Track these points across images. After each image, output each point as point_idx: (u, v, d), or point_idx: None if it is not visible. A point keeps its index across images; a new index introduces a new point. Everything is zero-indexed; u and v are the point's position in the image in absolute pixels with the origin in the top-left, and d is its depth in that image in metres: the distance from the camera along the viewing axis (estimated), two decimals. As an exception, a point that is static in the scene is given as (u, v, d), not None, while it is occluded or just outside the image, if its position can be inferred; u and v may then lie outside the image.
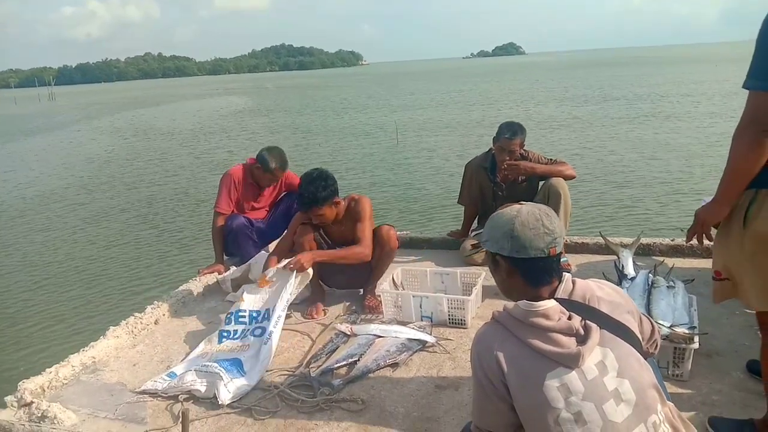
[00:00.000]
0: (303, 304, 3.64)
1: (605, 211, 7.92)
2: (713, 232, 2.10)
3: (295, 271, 3.28)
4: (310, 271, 3.39)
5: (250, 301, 3.30)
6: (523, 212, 1.56)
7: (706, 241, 2.11)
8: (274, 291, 3.29)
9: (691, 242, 2.18)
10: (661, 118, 16.89)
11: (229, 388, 2.70)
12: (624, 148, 12.51)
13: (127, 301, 5.51)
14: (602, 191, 8.95)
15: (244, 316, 3.23)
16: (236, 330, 3.18)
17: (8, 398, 2.70)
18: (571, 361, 1.39)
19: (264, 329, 3.11)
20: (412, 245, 4.71)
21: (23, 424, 2.54)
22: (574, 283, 1.56)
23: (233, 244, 4.39)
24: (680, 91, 25.58)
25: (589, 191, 8.91)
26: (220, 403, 2.63)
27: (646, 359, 1.50)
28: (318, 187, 3.36)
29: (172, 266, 6.69)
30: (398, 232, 4.73)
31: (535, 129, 15.66)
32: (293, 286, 3.27)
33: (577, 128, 15.89)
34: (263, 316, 3.22)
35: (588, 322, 1.45)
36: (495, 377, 1.45)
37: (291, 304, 3.33)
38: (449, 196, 8.61)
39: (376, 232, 3.62)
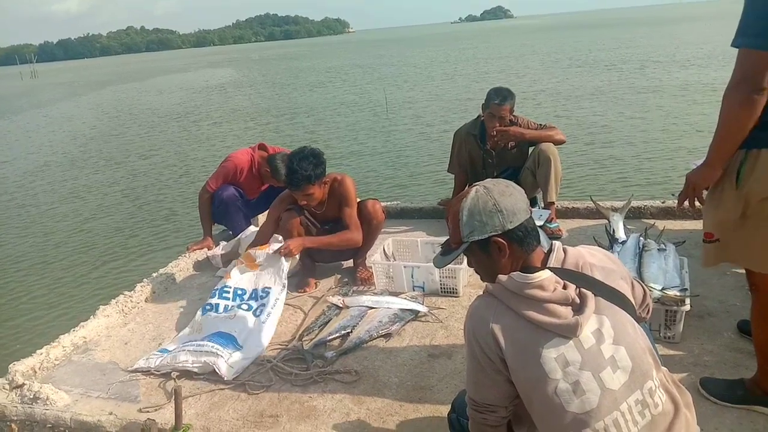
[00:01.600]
0: (294, 279, 3.62)
1: (595, 175, 7.91)
2: (704, 195, 2.08)
3: (283, 257, 3.27)
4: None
5: (237, 279, 3.28)
6: (489, 187, 1.53)
7: (697, 204, 2.08)
8: (263, 274, 3.28)
9: (682, 206, 2.15)
10: (647, 79, 16.79)
11: (230, 363, 2.70)
12: (612, 110, 12.45)
13: (117, 280, 5.47)
14: (592, 155, 8.93)
15: (228, 292, 3.22)
16: (218, 304, 3.17)
17: (-1, 381, 2.69)
18: (569, 332, 1.37)
19: (250, 306, 3.10)
20: (403, 215, 4.69)
21: (16, 406, 2.53)
22: (565, 251, 1.53)
23: (224, 214, 4.33)
24: (667, 51, 25.40)
25: (579, 155, 8.88)
26: (225, 378, 2.62)
27: (639, 324, 1.49)
28: (310, 164, 3.30)
29: (162, 243, 6.64)
30: (388, 203, 4.72)
31: (523, 94, 15.56)
32: (285, 271, 3.26)
33: (564, 92, 15.79)
34: (250, 295, 3.20)
35: (583, 290, 1.43)
36: (491, 351, 1.43)
37: (281, 277, 3.32)
38: (439, 164, 8.57)
39: (361, 208, 3.58)
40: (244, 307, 3.11)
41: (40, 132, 18.30)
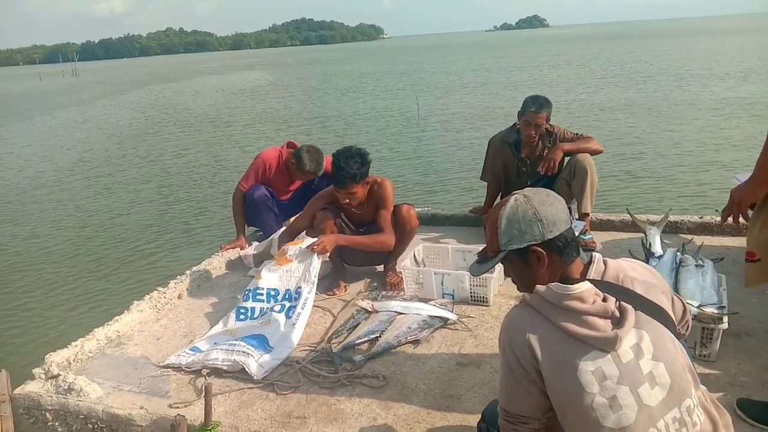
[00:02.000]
0: (324, 281, 3.64)
1: (632, 187, 7.76)
2: (749, 213, 2.04)
3: (316, 254, 3.28)
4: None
5: (268, 279, 3.30)
6: (529, 196, 1.52)
7: (741, 221, 2.04)
8: (294, 270, 3.29)
9: (726, 222, 2.10)
10: (683, 92, 16.48)
11: (261, 362, 2.73)
12: (646, 122, 12.21)
13: (151, 276, 5.56)
14: (629, 167, 8.76)
15: (261, 294, 3.24)
16: (254, 308, 3.19)
17: (36, 370, 2.76)
18: (608, 345, 1.35)
19: (283, 306, 3.12)
20: (434, 222, 4.68)
21: (51, 396, 2.59)
22: (605, 263, 1.51)
23: (254, 214, 4.38)
24: (703, 64, 24.91)
25: (616, 166, 8.73)
26: (255, 378, 2.64)
27: (678, 340, 1.46)
28: (356, 163, 3.33)
29: (195, 240, 6.74)
30: (419, 209, 4.71)
31: (556, 104, 15.39)
32: (317, 269, 3.27)
33: (598, 103, 15.58)
34: (284, 295, 3.22)
35: (622, 303, 1.40)
36: (527, 362, 1.41)
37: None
38: (472, 171, 8.52)
39: (396, 212, 3.58)
40: (277, 308, 3.12)
41: (78, 128, 18.75)
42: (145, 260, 6.12)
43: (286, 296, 3.21)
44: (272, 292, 3.24)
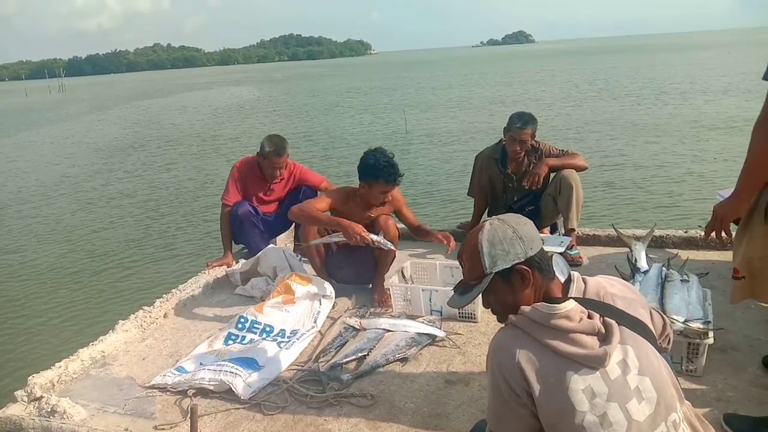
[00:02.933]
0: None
1: (617, 203, 7.84)
2: (732, 228, 2.06)
3: (323, 297, 3.33)
4: (332, 295, 3.44)
5: (269, 315, 3.26)
6: (503, 218, 1.54)
7: (724, 236, 2.06)
8: (296, 313, 3.27)
9: (709, 238, 2.12)
10: (671, 107, 16.71)
11: (248, 382, 2.69)
12: (637, 138, 12.38)
13: (136, 295, 5.51)
14: (614, 182, 8.86)
15: (257, 329, 3.20)
16: (245, 336, 3.16)
17: (18, 392, 2.71)
18: (597, 362, 1.36)
19: (274, 339, 3.10)
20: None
21: (33, 419, 2.54)
22: (585, 281, 1.53)
23: (239, 231, 4.35)
24: (691, 78, 25.29)
25: (601, 182, 8.82)
26: (241, 398, 2.61)
27: (660, 354, 1.47)
28: (396, 165, 3.42)
29: (181, 259, 6.70)
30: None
31: (545, 120, 15.54)
32: (323, 316, 3.29)
33: (583, 118, 15.74)
34: (277, 333, 3.18)
35: (607, 319, 1.41)
36: (517, 384, 1.40)
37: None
38: (460, 187, 8.56)
39: (375, 224, 3.54)
40: (269, 339, 3.10)
41: (64, 144, 18.64)
42: (130, 277, 6.08)
43: (280, 334, 3.17)
44: (267, 328, 3.20)
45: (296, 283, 3.41)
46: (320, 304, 3.34)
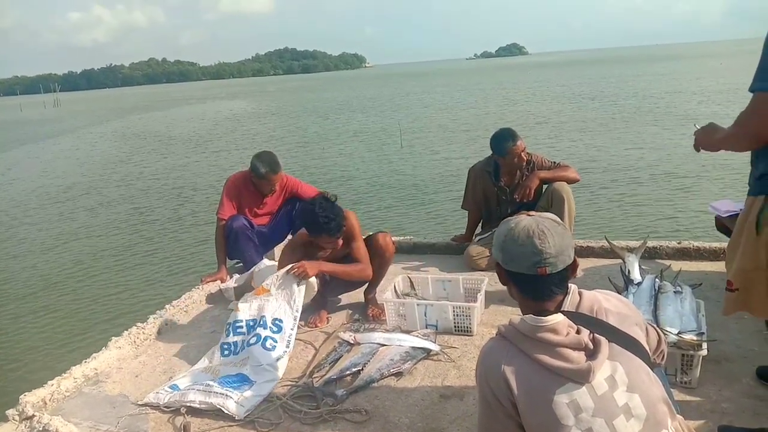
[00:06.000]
0: (306, 313, 3.60)
1: (610, 215, 7.87)
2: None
3: (297, 284, 3.26)
4: (315, 284, 3.38)
5: (246, 310, 3.26)
6: (520, 226, 1.51)
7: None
8: (271, 300, 3.26)
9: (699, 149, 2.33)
10: (663, 119, 16.82)
11: (241, 401, 2.67)
12: (628, 150, 12.44)
13: (130, 311, 5.48)
14: (607, 194, 8.90)
15: (241, 326, 3.20)
16: (236, 341, 3.15)
17: (9, 411, 2.68)
18: (582, 377, 1.36)
19: (258, 337, 3.09)
20: (416, 250, 4.68)
21: (24, 439, 2.52)
22: (581, 294, 1.53)
23: (234, 245, 4.34)
24: (682, 89, 25.49)
25: (593, 194, 8.85)
26: (236, 418, 2.59)
27: (653, 370, 1.47)
28: (337, 210, 3.30)
29: (175, 274, 6.67)
30: (401, 237, 4.73)
31: (537, 132, 15.63)
32: (300, 300, 3.25)
33: (580, 130, 15.83)
34: (258, 323, 3.18)
35: (596, 335, 1.42)
36: (502, 395, 1.41)
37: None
38: (453, 200, 8.58)
39: (372, 241, 3.57)
40: (253, 340, 3.09)
41: (55, 159, 18.61)
42: (124, 294, 6.05)
43: (262, 323, 3.16)
44: (251, 323, 3.20)
45: (269, 278, 3.39)
46: (293, 287, 3.29)
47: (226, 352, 3.11)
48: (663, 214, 7.67)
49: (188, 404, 2.69)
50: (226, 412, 2.61)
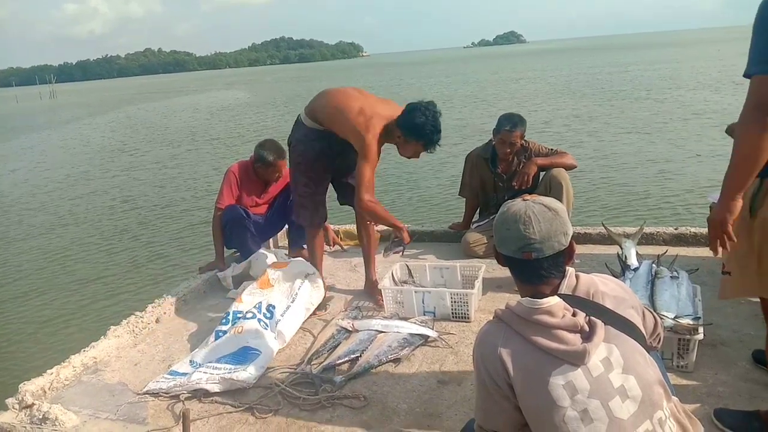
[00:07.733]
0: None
1: (608, 201, 7.87)
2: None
3: (301, 280, 3.39)
4: (322, 285, 3.48)
5: (249, 302, 3.28)
6: (511, 210, 1.52)
7: (729, 244, 1.95)
8: (274, 294, 3.28)
9: (717, 253, 1.98)
10: (660, 104, 16.80)
11: (249, 371, 2.74)
12: (626, 136, 12.43)
13: (128, 300, 5.49)
14: (604, 180, 8.90)
15: (240, 318, 3.21)
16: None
17: (9, 400, 2.69)
18: (577, 359, 1.37)
19: (254, 315, 3.15)
20: (414, 238, 4.67)
21: (24, 426, 2.53)
22: (577, 278, 1.53)
23: (230, 235, 4.34)
24: (679, 75, 25.44)
25: (591, 181, 8.86)
26: (248, 386, 2.68)
27: (649, 353, 1.48)
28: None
29: (173, 263, 6.68)
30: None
31: (534, 119, 15.60)
32: (302, 296, 3.31)
33: (577, 117, 15.80)
34: (256, 307, 3.22)
35: (592, 318, 1.42)
36: (499, 377, 1.42)
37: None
38: (451, 188, 8.57)
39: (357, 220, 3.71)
40: (249, 315, 3.14)
41: (53, 149, 18.55)
42: (122, 283, 6.05)
43: (257, 308, 3.21)
44: (248, 315, 3.21)
45: (273, 269, 3.46)
46: (302, 281, 3.36)
47: (220, 335, 3.13)
48: (660, 200, 7.68)
49: (195, 383, 2.72)
50: (237, 384, 2.67)
